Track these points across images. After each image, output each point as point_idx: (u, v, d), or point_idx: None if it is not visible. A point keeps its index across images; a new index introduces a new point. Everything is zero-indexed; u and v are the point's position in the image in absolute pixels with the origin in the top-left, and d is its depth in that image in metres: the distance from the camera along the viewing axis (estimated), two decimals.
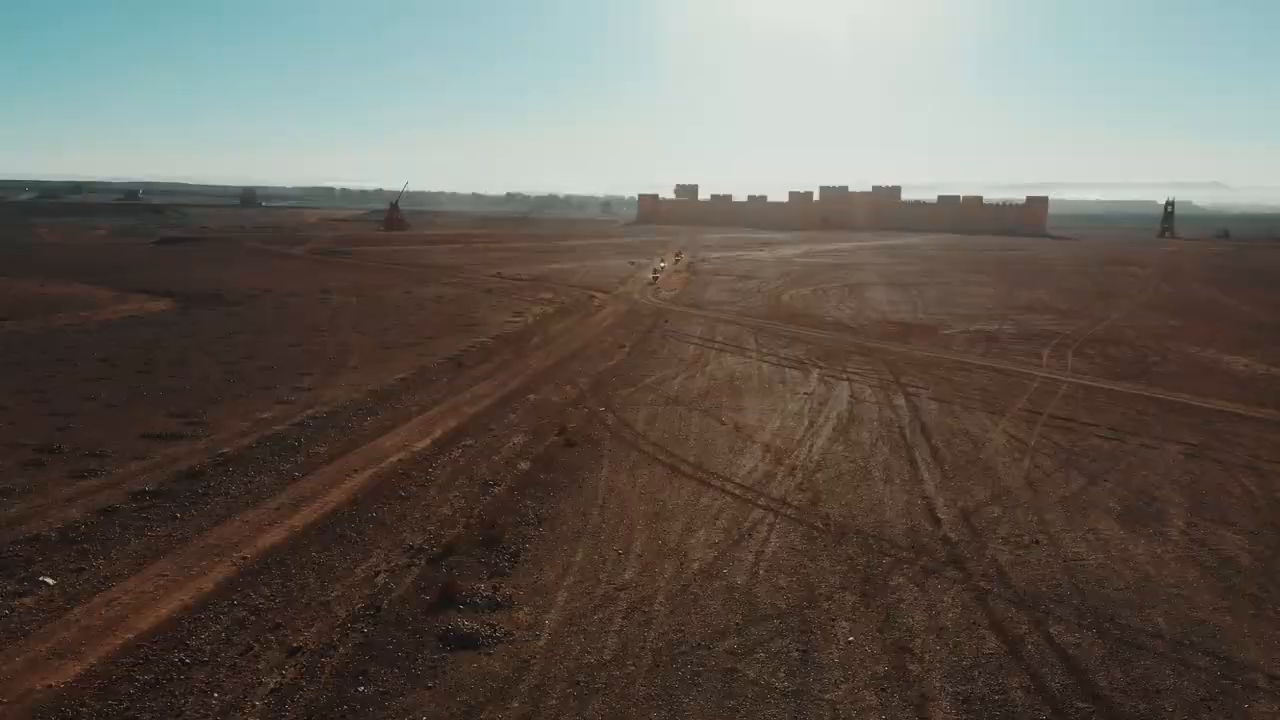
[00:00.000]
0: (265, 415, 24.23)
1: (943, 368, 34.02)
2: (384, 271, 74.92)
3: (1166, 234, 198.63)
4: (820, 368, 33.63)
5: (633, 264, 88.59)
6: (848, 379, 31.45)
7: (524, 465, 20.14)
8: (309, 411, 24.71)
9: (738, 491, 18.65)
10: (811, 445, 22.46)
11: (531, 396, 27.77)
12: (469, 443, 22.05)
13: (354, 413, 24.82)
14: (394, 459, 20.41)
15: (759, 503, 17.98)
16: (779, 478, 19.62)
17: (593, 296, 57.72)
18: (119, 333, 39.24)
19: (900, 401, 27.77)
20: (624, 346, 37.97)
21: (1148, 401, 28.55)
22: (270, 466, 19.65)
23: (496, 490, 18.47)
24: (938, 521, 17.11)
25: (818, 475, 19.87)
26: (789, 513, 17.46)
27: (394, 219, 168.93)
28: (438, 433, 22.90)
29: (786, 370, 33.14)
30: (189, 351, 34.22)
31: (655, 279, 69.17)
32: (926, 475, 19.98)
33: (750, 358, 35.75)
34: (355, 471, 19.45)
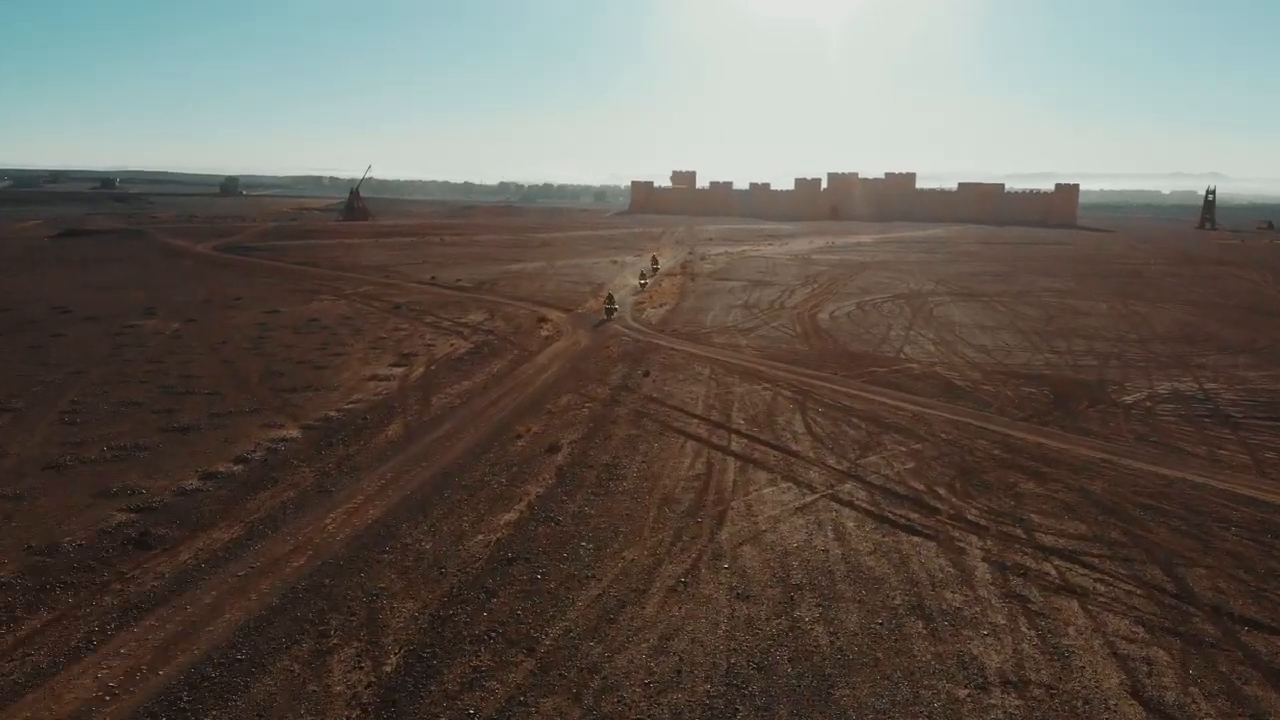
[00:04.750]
0: None
1: (1239, 527, 15.55)
2: (277, 276, 56.13)
3: (1207, 224, 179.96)
4: (974, 529, 15.19)
5: (615, 263, 70.16)
6: (1071, 592, 13.01)
7: None
8: None
9: None
10: None
11: None
12: None
13: None
14: None
15: None
16: None
17: (543, 319, 39.07)
18: None
19: None
20: (557, 449, 19.50)
21: None
22: None
23: None
24: None
25: None
26: None
27: (354, 208, 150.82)
28: None
29: (904, 539, 14.67)
30: None
31: (611, 312, 40.33)
32: None
33: (811, 489, 17.25)
34: None
